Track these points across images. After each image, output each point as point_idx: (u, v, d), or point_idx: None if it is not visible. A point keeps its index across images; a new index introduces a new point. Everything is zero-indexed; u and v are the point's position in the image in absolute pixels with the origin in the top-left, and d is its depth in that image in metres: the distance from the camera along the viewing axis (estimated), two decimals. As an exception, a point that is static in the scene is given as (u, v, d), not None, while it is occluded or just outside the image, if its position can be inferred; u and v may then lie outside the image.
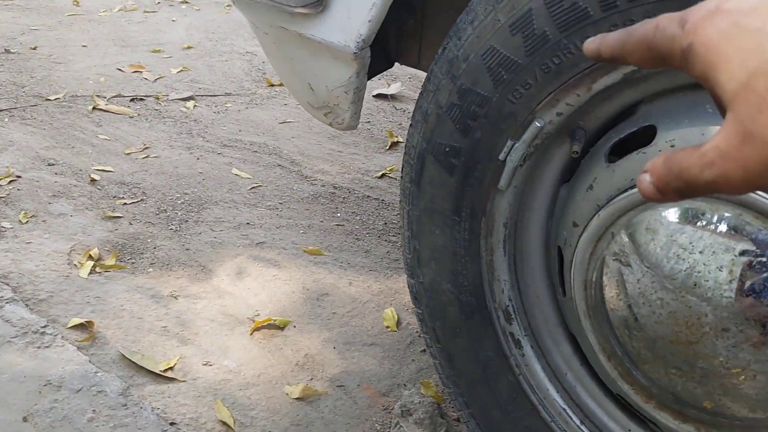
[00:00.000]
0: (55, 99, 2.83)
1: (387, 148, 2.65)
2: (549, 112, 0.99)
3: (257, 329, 1.63)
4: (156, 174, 2.33)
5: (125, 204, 2.12)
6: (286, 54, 1.26)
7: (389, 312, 1.72)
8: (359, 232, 2.09)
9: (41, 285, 1.69)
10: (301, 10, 1.10)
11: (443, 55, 1.06)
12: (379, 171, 2.45)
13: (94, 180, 2.23)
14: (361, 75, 1.15)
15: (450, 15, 1.37)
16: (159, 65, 3.31)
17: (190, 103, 2.92)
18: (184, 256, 1.89)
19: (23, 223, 1.94)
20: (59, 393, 1.30)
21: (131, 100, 2.91)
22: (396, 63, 1.69)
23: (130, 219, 2.04)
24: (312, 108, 1.32)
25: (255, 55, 3.50)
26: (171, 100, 2.94)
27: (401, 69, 3.26)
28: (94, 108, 2.78)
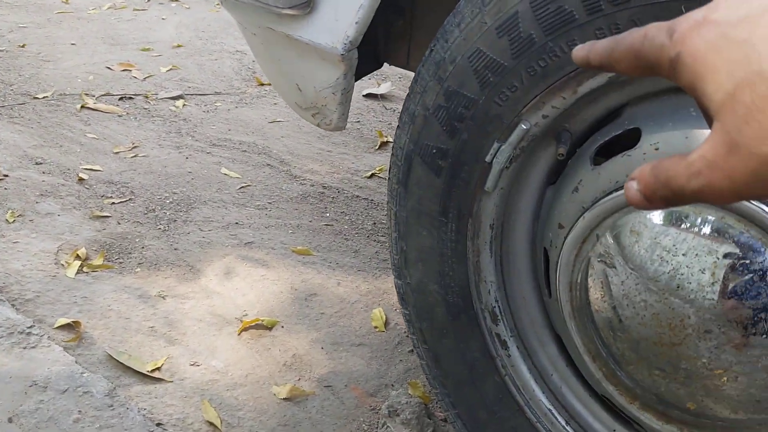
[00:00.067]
0: (44, 97, 2.82)
1: (377, 147, 2.65)
2: (535, 114, 0.99)
3: (245, 329, 1.63)
4: (144, 173, 2.32)
5: (113, 203, 2.11)
6: (273, 55, 1.26)
7: (377, 312, 1.72)
8: (348, 232, 2.09)
9: (28, 285, 1.68)
10: (289, 11, 1.10)
11: (430, 57, 1.06)
12: (369, 171, 2.45)
13: (82, 179, 2.22)
14: (349, 76, 1.15)
15: (439, 16, 1.37)
16: (148, 64, 3.30)
17: (179, 102, 2.91)
18: (172, 255, 1.88)
19: (10, 223, 1.93)
20: (45, 394, 1.30)
21: (120, 98, 2.90)
22: (385, 63, 1.69)
23: (118, 218, 2.04)
24: (300, 109, 1.32)
25: (245, 54, 3.49)
26: (160, 98, 2.93)
27: (391, 69, 3.26)
28: (82, 106, 2.76)
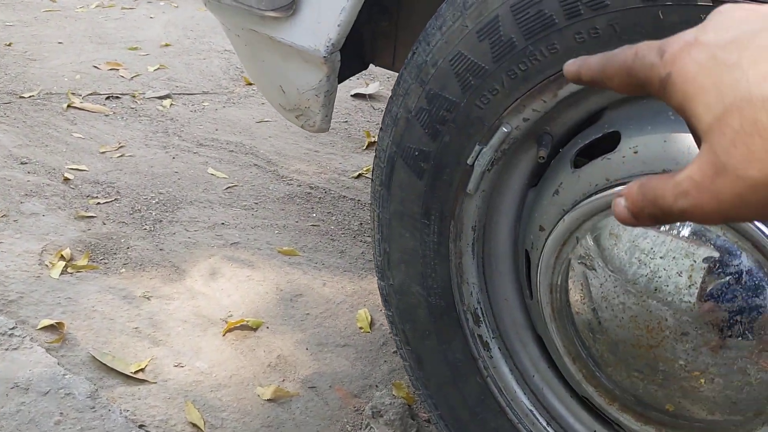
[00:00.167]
0: (30, 96, 2.80)
1: (364, 148, 2.65)
2: (516, 117, 1.00)
3: (230, 330, 1.63)
4: (131, 173, 2.31)
5: (99, 203, 2.11)
6: (257, 56, 1.26)
7: (363, 313, 1.72)
8: (334, 232, 2.09)
9: (11, 286, 1.67)
10: (272, 13, 1.10)
11: (412, 60, 1.06)
12: (356, 171, 2.46)
13: (67, 179, 2.22)
14: (332, 78, 1.15)
15: (424, 17, 1.38)
16: (136, 63, 3.29)
17: (166, 102, 2.90)
18: (157, 256, 1.88)
19: (-6, 223, 1.92)
20: (26, 396, 1.29)
21: (107, 98, 2.89)
22: (371, 64, 1.70)
23: (103, 219, 2.03)
24: (284, 110, 1.32)
25: (233, 54, 3.48)
26: (147, 98, 2.92)
27: (380, 69, 3.26)
28: (68, 106, 2.75)
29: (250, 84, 3.15)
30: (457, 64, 1.00)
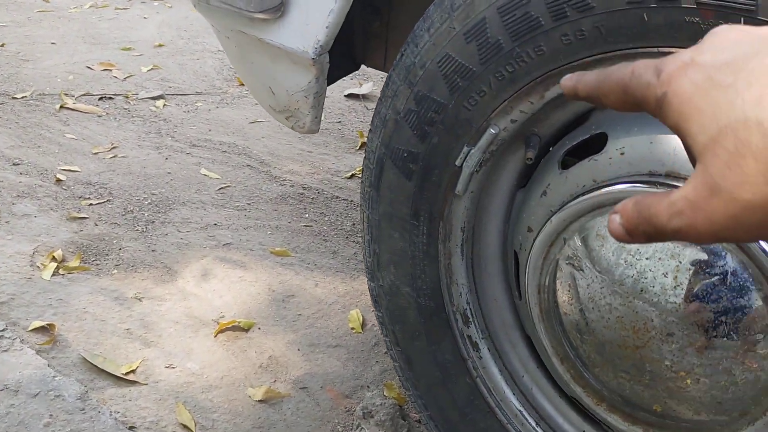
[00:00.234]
0: (22, 97, 2.80)
1: (357, 148, 2.66)
2: (503, 119, 1.00)
3: (221, 331, 1.63)
4: (123, 174, 2.31)
5: (91, 204, 2.10)
6: (247, 58, 1.26)
7: (354, 313, 1.72)
8: (327, 233, 2.09)
9: (2, 287, 1.67)
10: (260, 15, 1.10)
11: (401, 62, 1.07)
12: (349, 171, 2.46)
13: (59, 180, 2.21)
14: (321, 80, 1.16)
15: (414, 18, 1.38)
16: (129, 63, 3.29)
17: (159, 102, 2.90)
18: (149, 257, 1.88)
19: (-14, 224, 1.92)
20: (16, 398, 1.29)
21: (100, 98, 2.88)
22: (362, 65, 1.70)
23: (95, 220, 2.03)
24: (274, 111, 1.32)
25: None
26: (140, 98, 2.92)
27: (374, 69, 3.26)
28: (61, 107, 2.75)
29: (243, 84, 3.15)
30: (445, 65, 1.00)
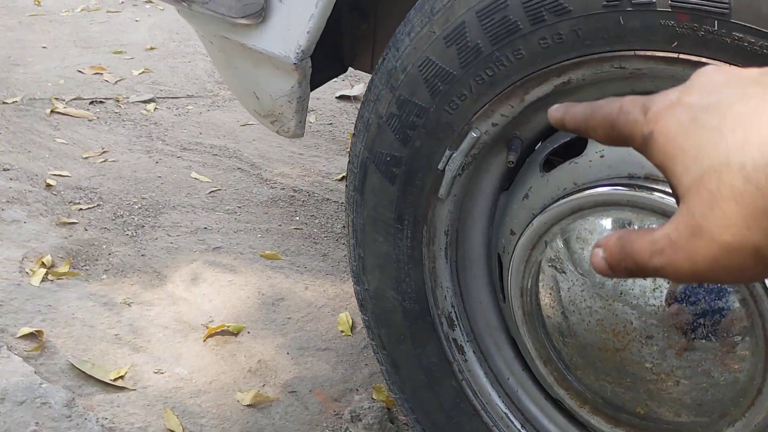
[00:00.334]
0: (13, 102, 2.79)
1: (348, 150, 2.65)
2: (485, 122, 1.00)
3: (211, 336, 1.63)
4: (114, 178, 2.31)
5: (81, 209, 2.10)
6: (231, 63, 1.26)
7: (344, 316, 1.73)
8: (317, 235, 2.09)
9: (-9, 294, 1.67)
10: (242, 20, 1.10)
11: (383, 66, 1.07)
12: (340, 173, 2.46)
13: (49, 185, 2.21)
14: (303, 85, 1.16)
15: (401, 21, 1.38)
16: (120, 67, 3.28)
17: (150, 106, 2.89)
18: (139, 262, 1.88)
19: (-25, 230, 1.92)
20: (2, 406, 1.29)
21: (91, 102, 2.88)
22: (350, 68, 1.70)
23: (85, 225, 2.03)
24: (259, 116, 1.32)
25: (218, 57, 3.48)
26: (131, 102, 2.92)
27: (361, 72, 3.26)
28: (52, 111, 2.74)
29: (235, 87, 3.15)
30: (426, 69, 1.01)
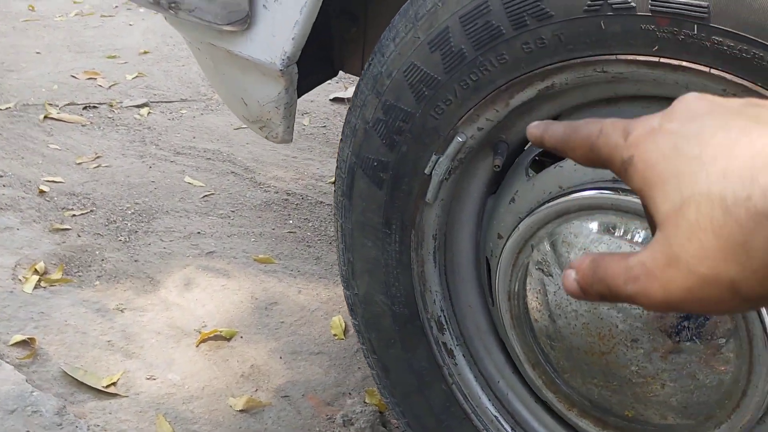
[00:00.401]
0: (6, 108, 2.79)
1: (342, 153, 2.65)
2: (470, 127, 1.00)
3: (203, 341, 1.63)
4: (107, 184, 2.31)
5: (74, 216, 2.10)
6: (218, 69, 1.26)
7: (337, 320, 1.73)
8: (311, 239, 2.09)
9: (-16, 301, 1.67)
10: (228, 27, 1.10)
11: (368, 71, 1.07)
12: (333, 176, 2.45)
13: (42, 191, 2.21)
14: (290, 91, 1.16)
15: (389, 25, 1.38)
16: (114, 71, 3.28)
17: (144, 110, 2.89)
18: (132, 267, 1.88)
19: (-32, 238, 1.92)
20: (-6, 414, 1.30)
21: (84, 108, 2.88)
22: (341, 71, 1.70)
23: (78, 231, 2.03)
24: (248, 122, 1.32)
25: (212, 60, 3.47)
26: (125, 107, 2.92)
27: (351, 75, 3.26)
28: (45, 117, 2.74)
29: (228, 90, 3.15)
30: (411, 75, 1.01)
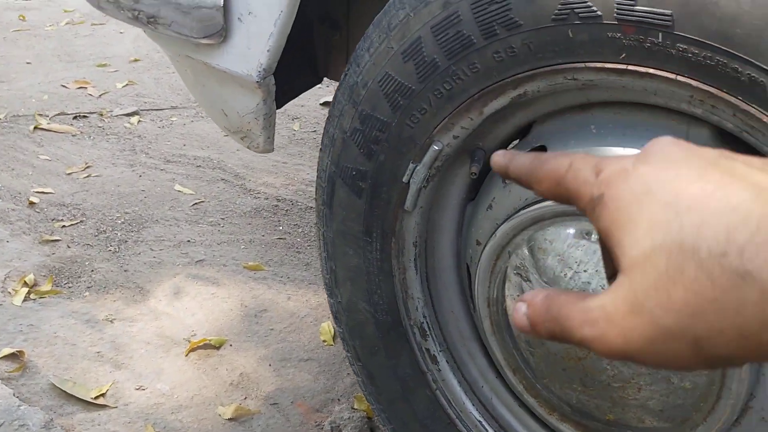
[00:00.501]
0: (-4, 119, 2.80)
1: (332, 157, 2.66)
2: (446, 135, 1.01)
3: (193, 350, 1.63)
4: (97, 194, 2.32)
5: (64, 226, 2.11)
6: (198, 81, 1.27)
7: (326, 326, 1.73)
8: (301, 244, 2.10)
9: (-27, 315, 1.67)
10: (204, 41, 1.11)
11: (345, 81, 1.08)
12: (323, 181, 2.46)
13: (32, 203, 2.21)
14: (269, 102, 1.16)
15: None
16: (104, 80, 3.29)
17: (134, 119, 2.90)
18: (121, 277, 1.88)
19: (-43, 251, 1.92)
20: (-19, 429, 1.30)
21: (74, 117, 2.88)
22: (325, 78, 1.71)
23: (68, 242, 2.03)
24: (229, 132, 1.33)
25: (202, 67, 3.48)
26: (115, 116, 2.92)
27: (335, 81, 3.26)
28: (35, 128, 2.75)
29: (218, 97, 3.16)
30: (386, 85, 1.01)
